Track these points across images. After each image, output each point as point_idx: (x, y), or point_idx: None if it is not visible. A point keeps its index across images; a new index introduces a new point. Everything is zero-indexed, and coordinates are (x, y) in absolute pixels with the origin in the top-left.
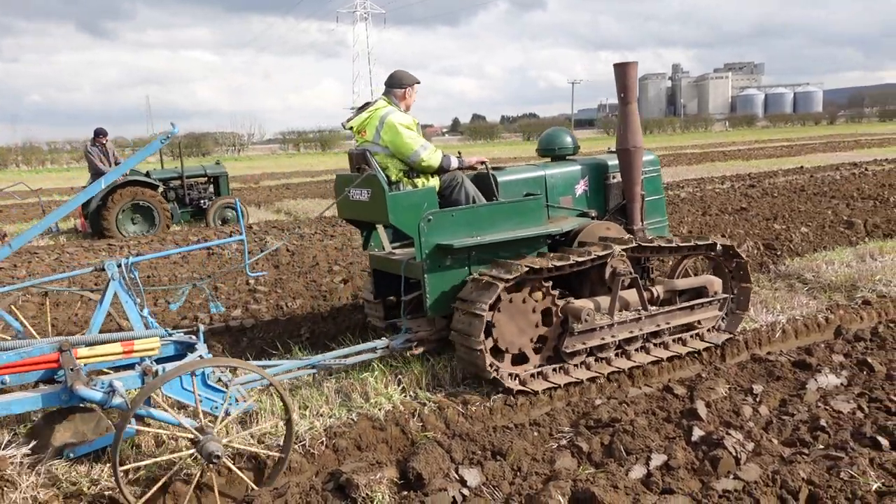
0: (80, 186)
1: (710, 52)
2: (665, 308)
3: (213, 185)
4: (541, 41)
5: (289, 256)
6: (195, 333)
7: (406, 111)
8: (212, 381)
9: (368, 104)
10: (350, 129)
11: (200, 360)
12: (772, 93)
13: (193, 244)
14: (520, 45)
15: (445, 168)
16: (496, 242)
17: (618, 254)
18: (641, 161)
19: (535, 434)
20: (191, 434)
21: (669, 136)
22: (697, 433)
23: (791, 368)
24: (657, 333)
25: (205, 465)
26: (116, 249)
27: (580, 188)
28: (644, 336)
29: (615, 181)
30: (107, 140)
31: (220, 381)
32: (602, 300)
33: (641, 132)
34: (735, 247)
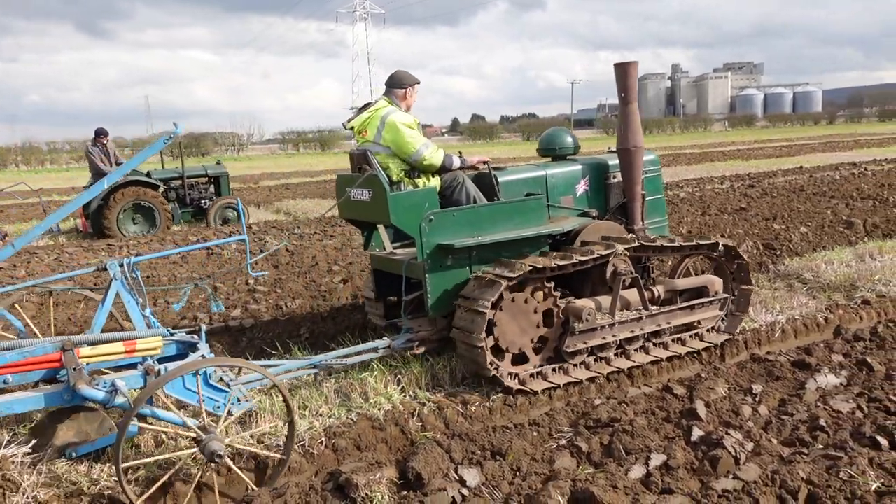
0: (80, 186)
1: (710, 52)
2: (666, 308)
3: (214, 185)
4: (540, 41)
5: (288, 256)
6: (197, 333)
7: (407, 111)
8: (213, 381)
9: (369, 104)
10: (351, 130)
11: (203, 360)
12: (771, 93)
13: (195, 244)
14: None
15: (447, 167)
16: (497, 242)
17: (620, 253)
18: (642, 161)
19: (535, 434)
20: (193, 433)
21: (669, 136)
22: (697, 433)
23: (790, 368)
24: (658, 333)
25: (206, 465)
26: (115, 249)
27: (581, 188)
28: (645, 336)
29: (616, 181)
30: (107, 140)
31: (222, 381)
32: (603, 300)
33: (642, 132)
34: (737, 248)
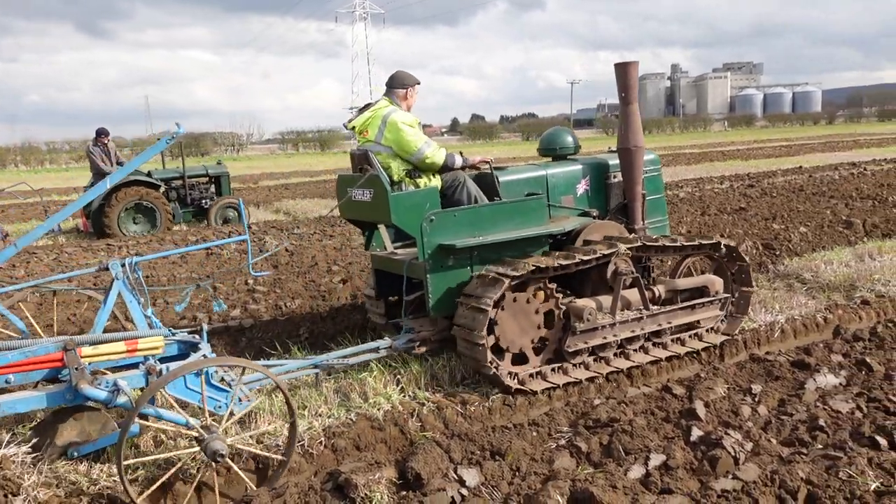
0: (80, 187)
1: (709, 52)
2: (666, 307)
3: (215, 185)
4: (540, 41)
5: (287, 256)
6: (198, 333)
7: (407, 111)
8: (215, 381)
9: (370, 105)
10: (352, 130)
11: (205, 360)
12: (770, 93)
13: (198, 244)
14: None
15: (449, 165)
16: (498, 242)
17: (623, 252)
18: (643, 160)
19: (534, 434)
20: (196, 432)
21: (668, 136)
22: (696, 433)
23: (790, 368)
24: (658, 333)
25: (207, 464)
26: (115, 249)
27: (581, 188)
28: (645, 335)
29: (616, 180)
30: (109, 140)
31: (223, 381)
32: (604, 299)
33: (642, 131)
34: (739, 250)
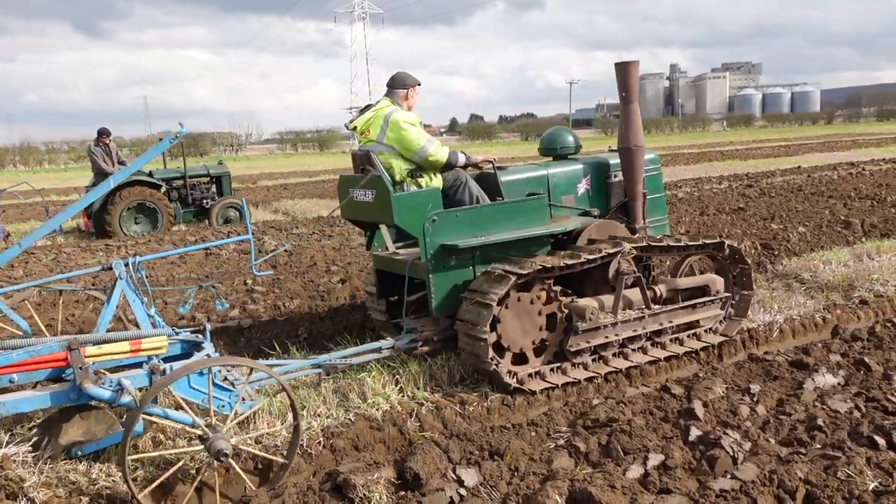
0: (80, 187)
1: (708, 52)
2: (668, 307)
3: (216, 185)
4: (538, 41)
5: (287, 256)
6: (201, 332)
7: (408, 111)
8: (218, 381)
9: (371, 105)
10: (353, 130)
11: (209, 359)
12: (769, 93)
13: (199, 244)
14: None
15: (453, 163)
16: (500, 242)
17: (628, 252)
18: (643, 159)
19: (533, 434)
20: (201, 431)
21: (667, 136)
22: (695, 433)
23: (788, 368)
24: (659, 332)
25: (210, 463)
26: (113, 250)
27: (582, 187)
28: (647, 335)
29: (617, 180)
30: (110, 140)
31: (227, 381)
32: (605, 299)
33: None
34: (742, 251)
